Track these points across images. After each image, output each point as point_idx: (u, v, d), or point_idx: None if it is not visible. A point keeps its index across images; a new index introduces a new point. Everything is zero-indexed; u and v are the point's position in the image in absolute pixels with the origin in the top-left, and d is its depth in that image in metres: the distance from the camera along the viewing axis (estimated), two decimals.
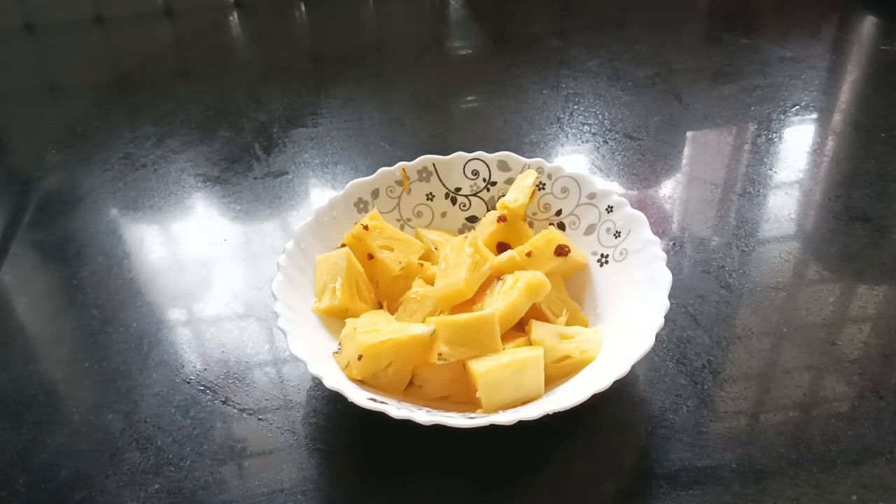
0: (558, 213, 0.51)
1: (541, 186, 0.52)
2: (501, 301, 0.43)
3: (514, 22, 0.98)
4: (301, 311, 0.45)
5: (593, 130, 0.72)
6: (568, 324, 0.45)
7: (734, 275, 0.53)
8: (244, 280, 0.56)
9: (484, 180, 0.53)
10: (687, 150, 0.70)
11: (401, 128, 0.74)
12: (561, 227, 0.51)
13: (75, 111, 0.82)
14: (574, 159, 0.69)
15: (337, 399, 0.40)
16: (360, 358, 0.41)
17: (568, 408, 0.37)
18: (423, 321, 0.45)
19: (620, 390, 0.44)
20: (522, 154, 0.53)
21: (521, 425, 0.37)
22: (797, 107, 0.74)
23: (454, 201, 0.54)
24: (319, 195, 0.65)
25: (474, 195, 0.53)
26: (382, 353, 0.41)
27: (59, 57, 0.94)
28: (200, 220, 0.63)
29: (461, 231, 0.53)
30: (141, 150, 0.72)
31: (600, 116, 0.74)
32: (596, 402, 0.37)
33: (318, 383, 0.46)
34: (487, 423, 0.37)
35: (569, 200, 0.51)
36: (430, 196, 0.53)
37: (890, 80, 0.78)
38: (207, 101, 0.81)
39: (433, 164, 0.53)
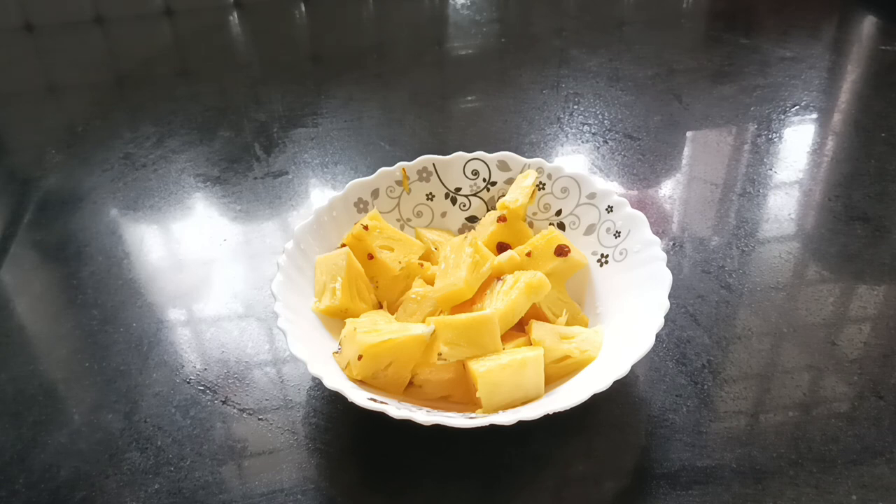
0: (558, 213, 0.51)
1: (541, 186, 0.52)
2: (501, 301, 0.43)
3: (515, 22, 0.98)
4: (301, 311, 0.45)
5: (593, 130, 0.72)
6: (568, 324, 0.45)
7: (734, 275, 0.53)
8: (244, 280, 0.56)
9: (484, 180, 0.53)
10: (687, 150, 0.70)
11: (401, 128, 0.74)
12: (561, 227, 0.51)
13: (75, 111, 0.82)
14: (574, 159, 0.69)
15: (337, 399, 0.40)
16: (360, 358, 0.41)
17: (568, 408, 0.37)
18: (423, 321, 0.45)
19: (620, 390, 0.44)
20: (522, 154, 0.53)
21: (521, 425, 0.37)
22: (797, 107, 0.74)
23: (454, 201, 0.54)
24: (319, 195, 0.65)
25: (474, 195, 0.53)
26: (382, 353, 0.41)
27: (59, 57, 0.94)
28: (200, 220, 0.63)
29: (461, 231, 0.53)
30: (141, 150, 0.72)
31: (600, 116, 0.74)
32: (596, 402, 0.37)
33: (318, 383, 0.46)
34: (487, 424, 0.37)
35: (569, 200, 0.51)
36: (430, 196, 0.53)
37: (890, 80, 0.78)
38: (207, 101, 0.81)
39: (433, 164, 0.53)
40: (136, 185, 0.67)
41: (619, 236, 0.48)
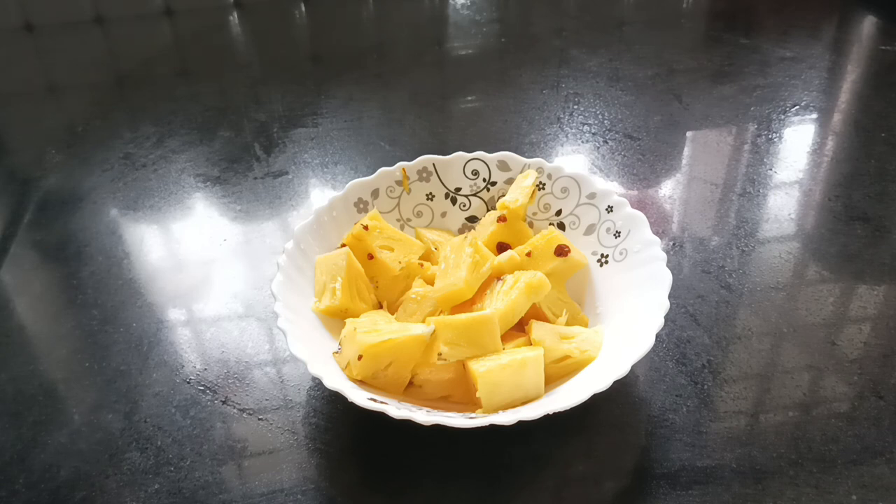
0: (558, 213, 0.51)
1: (541, 186, 0.52)
2: (501, 301, 0.43)
3: (515, 22, 0.98)
4: (301, 311, 0.45)
5: (593, 130, 0.72)
6: (568, 324, 0.45)
7: (734, 275, 0.53)
8: (244, 280, 0.56)
9: (484, 180, 0.53)
10: (687, 150, 0.70)
11: (401, 128, 0.74)
12: (561, 227, 0.51)
13: (75, 111, 0.82)
14: (574, 159, 0.69)
15: (337, 399, 0.40)
16: (360, 358, 0.41)
17: (568, 408, 0.37)
18: (423, 321, 0.45)
19: (620, 390, 0.44)
20: (522, 154, 0.53)
21: (521, 425, 0.37)
22: (797, 107, 0.74)
23: (454, 201, 0.54)
24: (319, 195, 0.65)
25: (474, 195, 0.53)
26: (382, 353, 0.41)
27: (59, 57, 0.94)
28: (200, 220, 0.63)
29: (461, 231, 0.53)
30: (141, 150, 0.72)
31: (600, 116, 0.74)
32: (596, 402, 0.37)
33: (318, 383, 0.46)
34: (487, 424, 0.37)
35: (569, 200, 0.51)
36: (430, 196, 0.53)
37: (890, 80, 0.78)
38: (207, 101, 0.81)
39: (433, 164, 0.53)
40: (136, 185, 0.67)
41: (619, 236, 0.48)
